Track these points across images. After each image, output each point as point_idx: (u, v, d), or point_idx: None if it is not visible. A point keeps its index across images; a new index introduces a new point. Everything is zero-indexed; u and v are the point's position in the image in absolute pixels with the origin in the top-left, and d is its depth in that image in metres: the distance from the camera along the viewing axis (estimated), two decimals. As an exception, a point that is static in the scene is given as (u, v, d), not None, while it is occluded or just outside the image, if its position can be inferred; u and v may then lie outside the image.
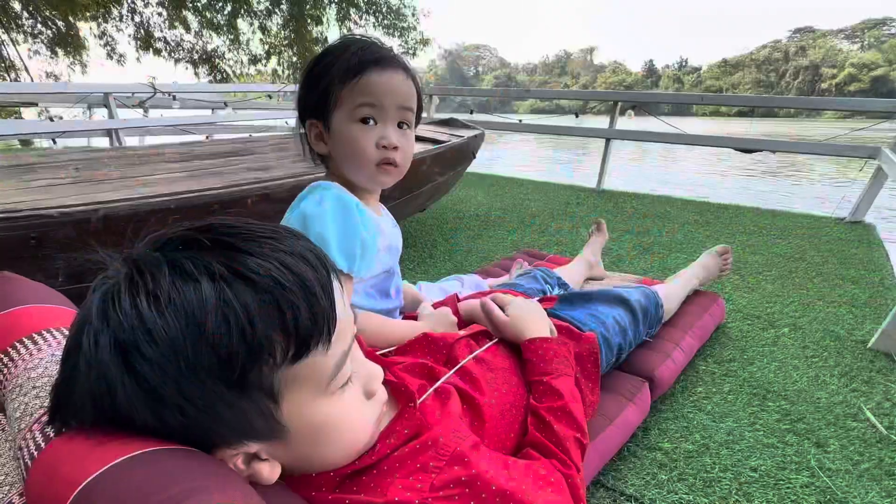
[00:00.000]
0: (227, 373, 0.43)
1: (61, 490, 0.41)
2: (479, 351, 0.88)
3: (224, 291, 0.43)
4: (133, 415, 0.43)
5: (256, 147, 2.36)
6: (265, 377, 0.45)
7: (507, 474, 0.63)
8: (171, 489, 0.40)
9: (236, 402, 0.45)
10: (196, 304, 0.42)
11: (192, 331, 0.42)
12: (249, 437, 0.48)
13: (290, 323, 0.45)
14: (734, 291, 1.96)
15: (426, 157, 2.13)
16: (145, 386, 0.42)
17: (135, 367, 0.42)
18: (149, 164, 1.80)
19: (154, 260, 0.45)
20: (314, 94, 0.89)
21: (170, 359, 0.42)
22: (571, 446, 0.76)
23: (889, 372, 1.41)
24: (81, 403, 0.44)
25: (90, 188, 1.43)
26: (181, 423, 0.44)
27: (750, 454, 1.09)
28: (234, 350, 0.43)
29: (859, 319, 1.73)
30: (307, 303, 0.46)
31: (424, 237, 2.64)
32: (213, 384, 0.43)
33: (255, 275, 0.44)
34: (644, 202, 3.58)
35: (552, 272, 1.48)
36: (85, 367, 0.43)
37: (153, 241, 0.48)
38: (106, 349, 0.42)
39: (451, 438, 0.63)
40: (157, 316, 0.42)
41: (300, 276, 0.46)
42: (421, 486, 0.57)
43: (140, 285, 0.43)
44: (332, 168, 0.97)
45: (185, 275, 0.43)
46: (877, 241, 2.70)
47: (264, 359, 0.44)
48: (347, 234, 0.86)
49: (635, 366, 1.21)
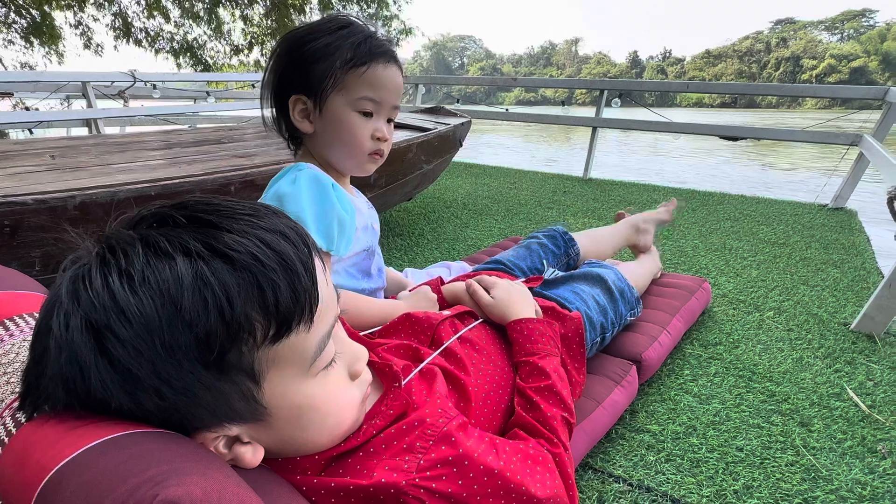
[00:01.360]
0: (206, 353, 0.42)
1: (32, 476, 0.39)
2: (464, 331, 0.87)
3: (201, 269, 0.41)
4: (108, 398, 0.41)
5: (239, 135, 2.31)
6: (245, 357, 0.44)
7: (494, 454, 0.63)
8: (148, 471, 0.38)
9: (215, 384, 0.43)
10: (172, 283, 0.40)
11: (167, 310, 0.40)
12: (230, 419, 0.46)
13: (270, 301, 0.43)
14: (720, 276, 1.97)
15: (412, 145, 2.11)
16: (119, 368, 0.40)
17: (108, 348, 0.40)
18: (129, 151, 1.75)
19: (127, 238, 0.43)
20: (303, 70, 0.86)
21: (145, 339, 0.40)
22: (559, 425, 0.76)
23: (871, 353, 1.43)
24: (52, 387, 0.42)
25: (67, 175, 1.38)
26: (158, 405, 0.42)
27: (736, 434, 1.10)
28: (213, 330, 0.41)
29: (841, 302, 1.75)
30: (288, 281, 0.44)
31: (411, 226, 2.62)
32: (191, 365, 0.42)
33: (234, 252, 0.42)
34: (630, 190, 3.59)
35: (560, 232, 1.39)
36: (55, 350, 0.41)
37: (125, 220, 0.46)
38: (77, 330, 0.40)
39: (437, 418, 0.62)
40: (130, 295, 0.40)
41: (280, 254, 0.44)
42: (408, 467, 0.56)
43: (112, 264, 0.41)
44: (309, 147, 0.96)
45: (159, 252, 0.42)
46: (858, 226, 2.74)
47: (244, 339, 0.43)
48: (324, 213, 0.85)
49: (623, 348, 1.22)
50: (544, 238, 1.37)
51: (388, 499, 0.55)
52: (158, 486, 0.37)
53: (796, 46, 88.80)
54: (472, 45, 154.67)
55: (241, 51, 12.10)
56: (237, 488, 0.41)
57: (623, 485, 0.96)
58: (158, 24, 11.66)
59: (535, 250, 1.33)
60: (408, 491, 0.54)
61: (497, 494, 0.60)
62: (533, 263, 1.29)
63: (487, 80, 4.84)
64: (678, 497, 0.93)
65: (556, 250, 1.35)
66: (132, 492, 0.37)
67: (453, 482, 0.58)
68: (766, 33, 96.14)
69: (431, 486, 0.56)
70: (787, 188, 4.63)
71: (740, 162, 6.88)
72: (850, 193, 3.12)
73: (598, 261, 1.34)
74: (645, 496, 0.93)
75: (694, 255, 2.22)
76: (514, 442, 0.69)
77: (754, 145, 8.72)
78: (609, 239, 1.51)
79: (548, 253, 1.33)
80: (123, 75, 4.39)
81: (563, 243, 1.37)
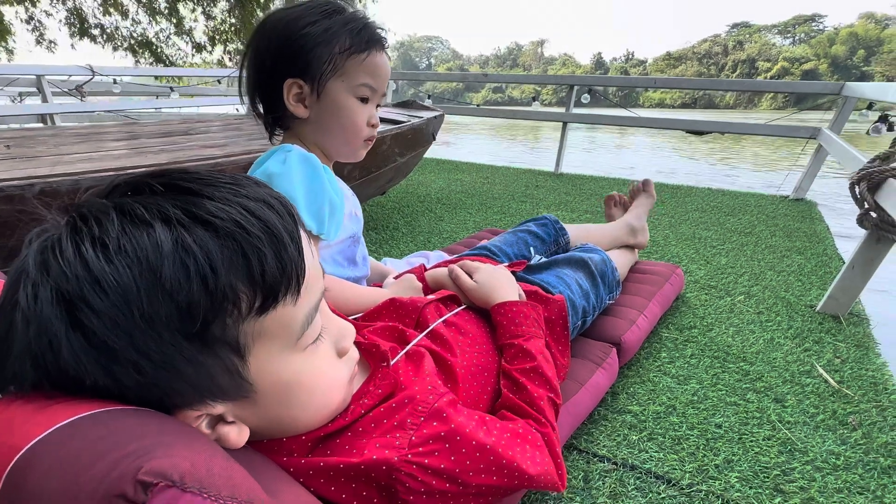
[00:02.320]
0: (188, 325, 0.39)
1: (0, 457, 0.36)
2: (449, 315, 0.86)
3: (182, 236, 0.39)
4: (81, 374, 0.38)
5: (205, 127, 2.24)
6: (230, 330, 0.42)
7: (485, 430, 0.62)
8: (130, 445, 0.36)
9: (198, 358, 0.41)
10: (150, 250, 0.38)
11: (146, 279, 0.37)
12: (214, 396, 0.44)
13: (255, 271, 0.41)
14: (691, 264, 2.02)
15: (386, 137, 2.09)
16: (94, 341, 0.37)
17: (81, 320, 0.37)
18: (90, 142, 1.67)
19: (100, 206, 0.40)
20: (300, 54, 0.83)
21: (122, 310, 0.37)
22: (545, 406, 0.75)
23: (837, 332, 1.48)
24: (20, 365, 0.38)
25: (24, 164, 1.31)
26: (137, 381, 0.39)
27: (714, 412, 1.12)
28: (195, 299, 0.39)
29: (806, 286, 1.81)
30: (274, 250, 0.42)
31: (385, 220, 2.60)
32: (172, 337, 0.39)
33: (216, 219, 0.40)
34: (601, 184, 3.64)
35: (552, 220, 1.38)
36: (22, 324, 0.38)
37: (96, 191, 0.43)
38: (47, 302, 0.37)
39: (427, 395, 0.61)
40: (105, 263, 0.37)
41: (265, 222, 0.42)
42: (399, 443, 0.55)
43: (84, 232, 0.38)
44: (299, 132, 0.93)
45: (136, 220, 0.39)
46: (818, 216, 2.85)
47: (228, 310, 0.41)
48: (315, 194, 0.82)
49: (603, 332, 1.22)
50: (534, 225, 1.36)
51: (380, 476, 0.53)
52: (142, 458, 0.34)
53: (752, 49, 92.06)
54: (439, 45, 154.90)
55: (203, 48, 11.80)
56: (225, 461, 0.39)
57: (608, 464, 0.96)
58: (115, 21, 11.27)
59: (523, 237, 1.32)
60: (400, 467, 0.53)
61: (489, 470, 0.59)
62: (520, 250, 1.29)
63: (458, 77, 4.84)
64: (662, 473, 0.94)
65: (545, 237, 1.34)
66: (114, 465, 0.34)
67: (446, 458, 0.57)
68: (724, 36, 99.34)
69: (424, 461, 0.55)
70: (750, 182, 4.78)
71: (703, 158, 7.08)
72: (810, 185, 3.24)
73: (589, 244, 1.35)
74: (630, 474, 0.94)
75: (665, 245, 2.27)
76: (504, 421, 0.68)
77: (715, 142, 8.99)
78: (603, 236, 1.49)
79: (536, 240, 1.33)
80: (81, 69, 4.22)
81: (553, 231, 1.36)
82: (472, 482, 0.57)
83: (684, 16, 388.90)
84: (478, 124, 13.36)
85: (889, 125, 2.76)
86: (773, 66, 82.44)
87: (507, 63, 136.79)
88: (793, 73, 78.80)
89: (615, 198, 1.73)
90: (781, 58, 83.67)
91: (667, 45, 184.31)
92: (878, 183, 1.37)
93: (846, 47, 79.41)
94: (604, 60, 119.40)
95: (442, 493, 0.56)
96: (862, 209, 1.42)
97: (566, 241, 1.37)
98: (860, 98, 2.85)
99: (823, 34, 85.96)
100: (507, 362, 0.82)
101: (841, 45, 79.82)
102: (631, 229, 1.55)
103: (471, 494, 0.58)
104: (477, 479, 0.58)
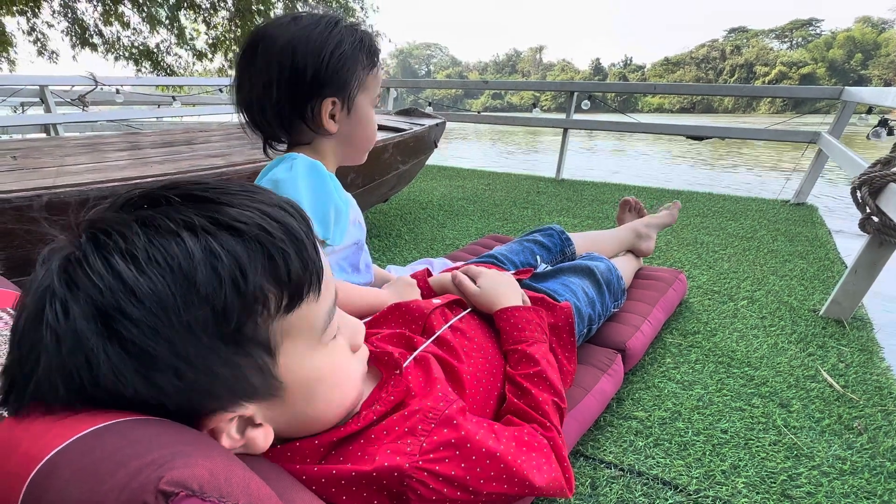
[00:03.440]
0: (223, 328, 0.40)
1: (20, 466, 0.36)
2: (455, 320, 0.87)
3: (209, 243, 0.40)
4: (120, 387, 0.39)
5: (206, 137, 2.25)
6: (260, 330, 0.43)
7: (494, 438, 0.62)
8: (150, 455, 0.36)
9: (233, 359, 0.42)
10: (182, 258, 0.39)
11: (181, 286, 0.38)
12: (247, 396, 0.45)
13: (282, 271, 0.42)
14: (693, 269, 2.02)
15: (388, 145, 2.10)
16: (134, 350, 0.38)
17: (119, 331, 0.37)
18: (94, 152, 1.68)
19: (120, 219, 0.41)
20: (335, 74, 0.86)
21: (160, 317, 0.38)
22: (550, 410, 0.76)
23: (840, 336, 1.48)
24: (48, 382, 0.38)
25: (31, 175, 1.32)
26: (176, 387, 0.40)
27: (720, 417, 1.12)
28: (229, 303, 0.40)
29: (809, 291, 1.82)
30: (295, 250, 0.43)
31: (388, 227, 2.60)
32: (210, 341, 0.40)
33: (240, 224, 0.41)
34: (602, 190, 3.65)
35: (558, 231, 1.39)
36: (52, 341, 0.37)
37: (106, 206, 0.44)
38: (81, 317, 0.37)
39: (438, 402, 0.62)
40: (137, 274, 0.38)
41: (285, 224, 0.44)
42: (411, 449, 0.56)
43: (111, 245, 0.39)
44: (320, 146, 0.93)
45: (160, 231, 0.39)
46: (819, 220, 2.85)
47: (258, 310, 0.42)
48: (321, 200, 0.83)
49: (608, 338, 1.23)
50: (540, 236, 1.37)
51: (391, 483, 0.54)
52: (162, 468, 0.35)
53: (749, 54, 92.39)
54: (438, 52, 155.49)
55: (204, 56, 11.86)
56: (242, 471, 0.40)
57: (615, 470, 0.96)
58: (117, 31, 11.33)
59: (529, 246, 1.33)
60: (412, 474, 0.54)
61: (500, 479, 0.59)
62: (526, 259, 1.29)
63: (458, 83, 4.86)
64: (669, 479, 0.94)
65: (551, 247, 1.35)
66: (134, 475, 0.34)
67: (456, 465, 0.57)
68: (721, 41, 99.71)
69: (435, 468, 0.55)
70: (750, 187, 4.79)
71: (703, 163, 7.09)
72: (811, 189, 3.25)
73: (594, 253, 1.36)
74: (636, 480, 0.94)
75: (667, 250, 2.27)
76: (511, 428, 0.69)
77: (715, 148, 9.01)
78: (609, 242, 1.50)
79: (542, 249, 1.33)
80: (84, 79, 4.24)
81: (559, 241, 1.37)
82: (482, 490, 0.58)
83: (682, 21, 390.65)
84: (478, 130, 13.40)
85: (889, 129, 2.76)
86: (771, 71, 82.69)
87: (506, 69, 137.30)
88: (790, 78, 79.05)
89: (630, 202, 1.73)
90: (779, 62, 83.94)
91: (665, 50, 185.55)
92: (879, 187, 1.38)
93: (843, 51, 79.68)
94: (602, 66, 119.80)
95: (453, 501, 0.56)
96: (864, 214, 1.43)
97: (572, 251, 1.38)
98: (859, 103, 2.86)
99: (821, 38, 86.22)
100: (512, 367, 0.82)
101: (838, 48, 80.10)
102: (637, 234, 1.56)
103: (481, 503, 0.59)
104: (488, 486, 0.58)
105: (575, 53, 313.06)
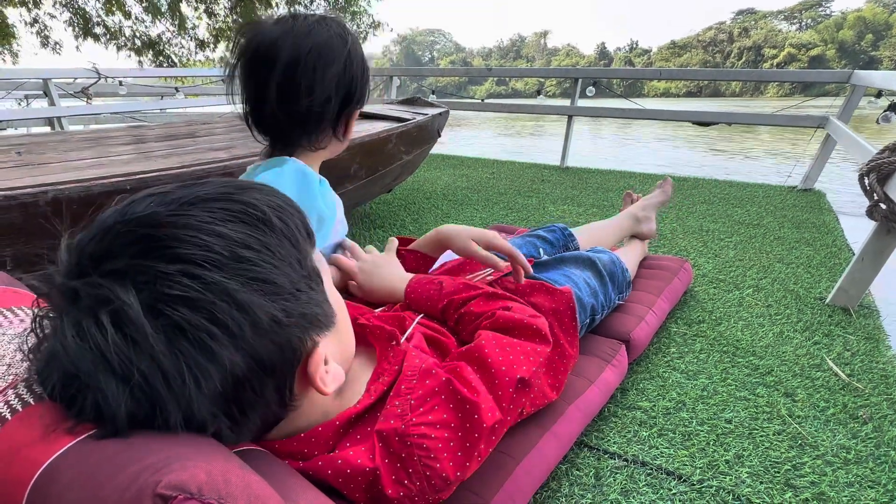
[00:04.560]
0: (304, 262, 0.49)
1: (23, 471, 0.37)
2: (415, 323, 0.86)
3: (273, 199, 0.49)
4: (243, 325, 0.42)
5: (209, 129, 2.25)
6: (311, 262, 0.51)
7: (473, 362, 0.67)
8: (148, 459, 0.37)
9: (313, 286, 0.50)
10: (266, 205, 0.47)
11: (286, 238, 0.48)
12: (325, 326, 0.51)
13: (304, 218, 0.53)
14: (699, 257, 2.01)
15: (392, 136, 2.09)
16: (262, 276, 0.44)
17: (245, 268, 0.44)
18: (98, 146, 1.68)
19: None
20: (363, 84, 0.88)
21: (285, 258, 0.47)
22: (515, 305, 0.81)
23: (847, 325, 1.47)
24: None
25: (36, 171, 1.32)
26: (297, 310, 0.47)
27: (724, 407, 1.12)
28: (302, 240, 0.50)
29: (816, 278, 1.80)
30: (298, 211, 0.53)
31: (392, 218, 2.60)
32: (302, 271, 0.49)
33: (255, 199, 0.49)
34: (607, 177, 3.63)
35: (561, 228, 1.40)
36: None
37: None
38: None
39: (413, 360, 0.65)
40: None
41: (282, 198, 0.51)
42: (401, 410, 0.59)
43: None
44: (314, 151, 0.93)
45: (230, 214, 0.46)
46: (827, 206, 2.82)
47: (309, 245, 0.52)
48: (305, 206, 0.83)
49: (612, 329, 1.22)
50: (544, 232, 1.38)
51: (396, 448, 0.56)
52: (160, 471, 0.35)
53: (757, 36, 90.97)
54: (441, 38, 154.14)
55: (206, 45, 11.82)
56: (241, 471, 0.40)
57: (619, 460, 0.97)
58: (119, 21, 11.30)
59: (531, 240, 1.33)
60: (410, 432, 0.57)
61: (491, 387, 0.65)
62: (528, 251, 1.29)
63: (462, 71, 4.83)
64: (673, 469, 0.94)
65: (554, 242, 1.36)
66: (133, 479, 0.35)
67: (446, 408, 0.60)
68: (729, 24, 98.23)
69: (428, 419, 0.58)
70: (757, 172, 4.74)
71: (709, 149, 7.02)
72: (818, 175, 3.21)
73: (599, 247, 1.36)
74: (641, 470, 0.94)
75: (673, 238, 2.26)
76: (486, 333, 0.73)
77: (721, 133, 8.91)
78: (609, 232, 1.51)
79: (545, 243, 1.34)
80: (87, 71, 4.23)
81: (562, 237, 1.38)
82: (482, 419, 0.60)
83: (688, 3, 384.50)
84: (481, 117, 13.31)
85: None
86: (780, 53, 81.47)
87: (511, 55, 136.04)
88: (799, 60, 77.85)
89: (633, 196, 1.74)
90: (788, 44, 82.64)
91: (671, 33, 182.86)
92: (887, 174, 1.36)
93: (854, 32, 78.33)
94: (608, 50, 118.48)
95: (456, 442, 0.58)
96: (871, 201, 1.41)
97: (575, 247, 1.39)
98: (869, 86, 2.81)
99: (830, 19, 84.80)
100: (455, 310, 0.83)
101: (848, 29, 78.75)
102: (635, 219, 1.58)
103: (483, 437, 0.61)
104: (484, 408, 0.61)
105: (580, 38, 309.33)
